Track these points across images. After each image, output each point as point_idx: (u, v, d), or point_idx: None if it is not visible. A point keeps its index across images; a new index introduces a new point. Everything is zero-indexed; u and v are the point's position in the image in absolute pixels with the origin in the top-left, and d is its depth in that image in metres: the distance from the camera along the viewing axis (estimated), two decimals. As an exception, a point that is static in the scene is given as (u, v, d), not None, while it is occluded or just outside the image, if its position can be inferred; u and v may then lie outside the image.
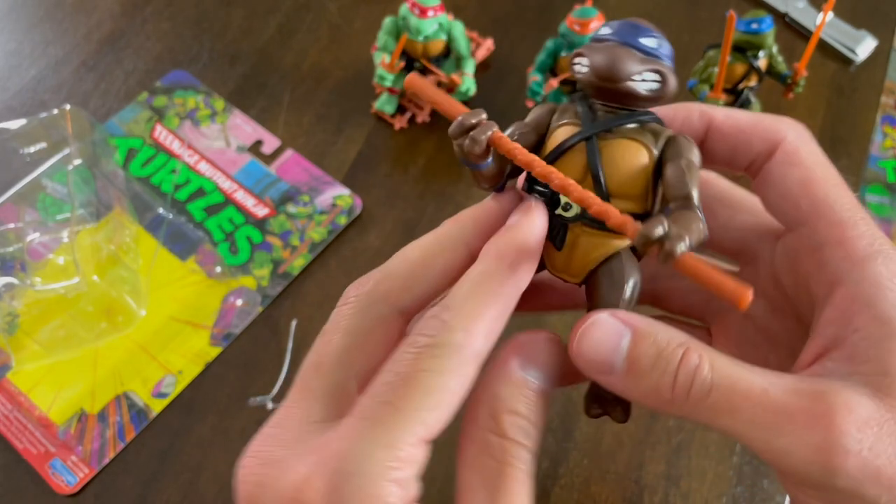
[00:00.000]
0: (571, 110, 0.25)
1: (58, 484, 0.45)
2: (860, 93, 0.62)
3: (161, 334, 0.50)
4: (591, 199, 0.22)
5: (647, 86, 0.24)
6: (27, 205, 0.54)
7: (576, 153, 0.24)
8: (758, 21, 0.52)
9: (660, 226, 0.21)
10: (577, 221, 0.25)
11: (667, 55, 0.25)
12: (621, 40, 0.25)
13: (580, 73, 0.25)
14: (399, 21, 0.56)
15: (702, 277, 0.21)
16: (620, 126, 0.24)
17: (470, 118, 0.23)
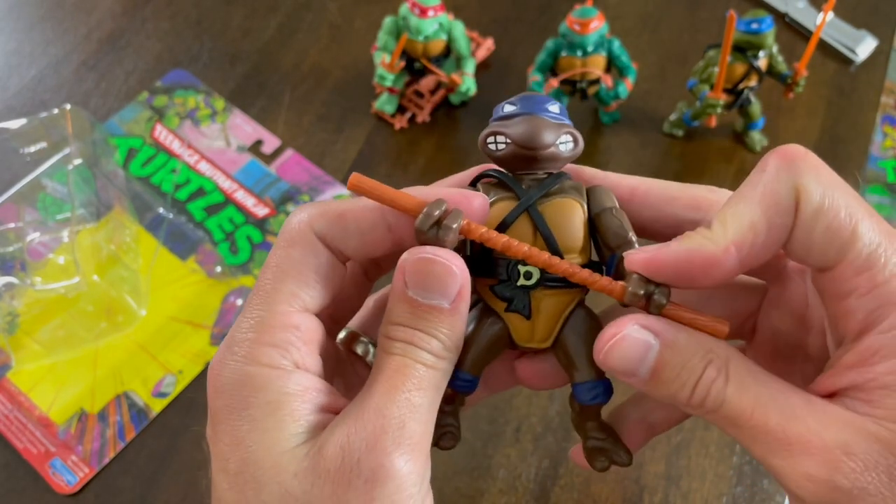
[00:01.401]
0: (495, 188, 0.27)
1: (58, 483, 0.45)
2: (860, 93, 0.62)
3: (161, 334, 0.50)
4: (576, 270, 0.24)
5: (565, 147, 0.26)
6: (27, 204, 0.54)
7: (520, 223, 0.26)
8: (758, 21, 0.52)
9: (643, 284, 0.23)
10: (537, 287, 0.26)
11: (566, 116, 0.27)
12: (531, 111, 0.26)
13: (499, 150, 0.26)
14: (399, 21, 0.56)
15: (685, 320, 0.24)
16: (551, 189, 0.26)
17: (436, 209, 0.24)
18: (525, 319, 0.26)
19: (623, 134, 0.59)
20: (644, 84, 0.61)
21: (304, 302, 0.25)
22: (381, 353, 0.25)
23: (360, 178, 0.25)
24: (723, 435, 0.47)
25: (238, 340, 0.25)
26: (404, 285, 0.25)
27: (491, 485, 0.46)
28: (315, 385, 0.25)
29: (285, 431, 0.24)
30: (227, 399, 0.24)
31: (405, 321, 0.25)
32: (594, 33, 0.53)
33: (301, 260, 0.25)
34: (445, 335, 0.25)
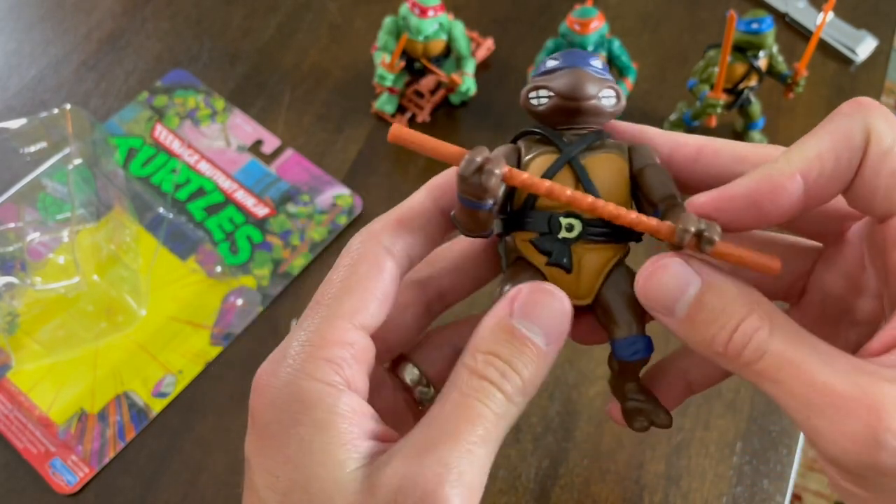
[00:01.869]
0: (536, 143, 0.26)
1: (58, 483, 0.45)
2: (860, 93, 0.62)
3: (161, 334, 0.50)
4: (622, 212, 0.24)
5: (608, 102, 0.26)
6: (27, 204, 0.54)
7: (562, 176, 0.25)
8: (758, 21, 0.52)
9: (693, 220, 0.23)
10: (578, 241, 0.26)
11: (609, 74, 0.27)
12: (575, 64, 0.26)
13: (541, 104, 0.26)
14: (399, 21, 0.56)
15: (736, 258, 0.23)
16: (593, 144, 0.26)
17: (478, 155, 0.23)
18: (566, 273, 0.26)
19: (623, 134, 0.59)
20: (644, 84, 0.61)
21: (363, 319, 0.25)
22: (455, 391, 0.24)
23: (400, 129, 0.25)
24: (723, 435, 0.47)
25: (292, 352, 0.24)
26: (509, 313, 0.24)
27: (491, 485, 0.46)
28: (362, 408, 0.24)
29: (333, 455, 0.23)
30: (276, 413, 0.24)
31: (495, 350, 0.24)
32: (594, 33, 0.53)
33: (366, 275, 0.25)
34: (529, 375, 0.24)
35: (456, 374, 0.24)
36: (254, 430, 0.24)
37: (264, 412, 0.24)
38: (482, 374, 0.24)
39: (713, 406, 0.48)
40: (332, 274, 0.26)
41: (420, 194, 0.27)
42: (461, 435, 0.23)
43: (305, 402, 0.23)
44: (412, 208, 0.27)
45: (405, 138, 0.25)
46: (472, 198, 0.24)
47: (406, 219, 0.27)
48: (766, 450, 0.47)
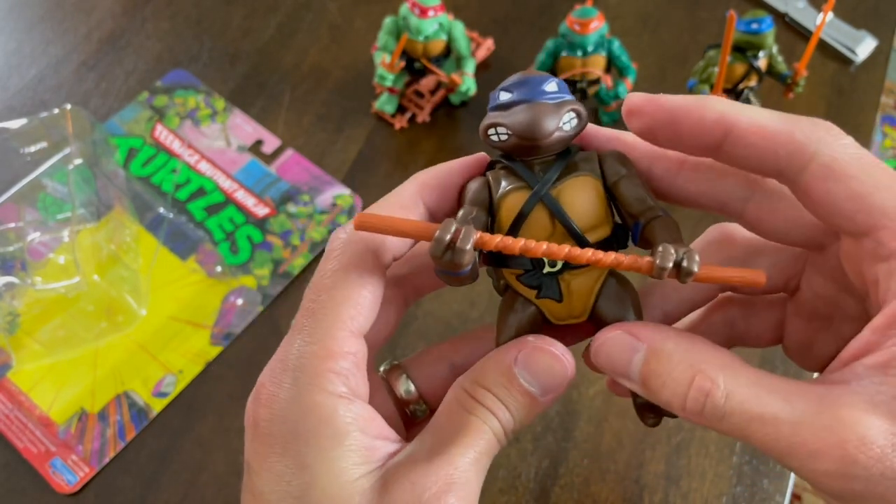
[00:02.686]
0: (506, 176, 0.26)
1: (58, 483, 0.45)
2: (860, 93, 0.62)
3: (161, 334, 0.50)
4: (600, 256, 0.24)
5: (569, 126, 0.26)
6: (27, 204, 0.54)
7: (537, 212, 0.25)
8: (758, 21, 0.52)
9: (670, 255, 0.23)
10: (564, 272, 0.26)
11: (566, 90, 0.27)
12: (529, 98, 0.26)
13: (501, 140, 0.26)
14: (399, 21, 0.56)
15: (718, 279, 0.24)
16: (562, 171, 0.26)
17: (446, 233, 0.23)
18: (557, 302, 0.26)
19: (623, 134, 0.59)
20: (644, 84, 0.61)
21: (360, 325, 0.25)
22: (459, 408, 0.25)
23: (364, 217, 0.24)
24: (723, 435, 0.47)
25: (298, 364, 0.25)
26: (513, 361, 0.25)
27: (491, 485, 0.46)
28: (370, 414, 0.25)
29: (349, 462, 0.24)
30: (288, 425, 0.24)
31: (496, 391, 0.25)
32: (594, 33, 0.53)
33: (357, 282, 0.25)
34: (521, 419, 0.26)
35: (456, 393, 0.26)
36: (258, 438, 0.25)
37: (272, 422, 0.24)
38: (481, 401, 0.25)
39: (713, 406, 0.48)
40: (321, 277, 0.26)
41: (406, 191, 0.27)
42: (469, 443, 0.24)
43: (321, 415, 0.24)
44: (400, 206, 0.26)
45: (371, 225, 0.24)
46: (448, 270, 0.24)
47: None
48: (766, 450, 0.47)
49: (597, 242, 0.25)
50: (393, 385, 0.31)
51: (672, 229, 0.25)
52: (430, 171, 0.27)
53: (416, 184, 0.27)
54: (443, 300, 0.51)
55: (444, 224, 0.24)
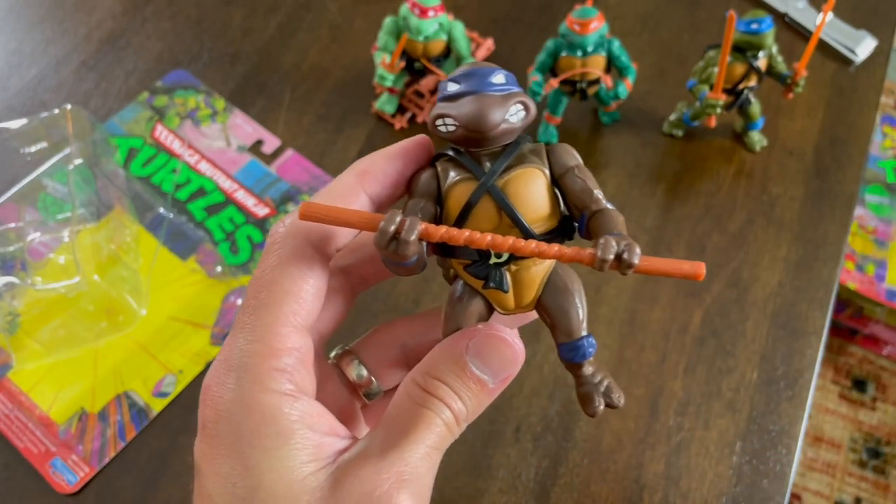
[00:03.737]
0: (454, 167, 0.26)
1: (58, 483, 0.45)
2: (860, 93, 0.62)
3: (161, 334, 0.50)
4: (543, 248, 0.24)
5: (516, 118, 0.26)
6: (28, 204, 0.54)
7: (484, 203, 0.25)
8: (758, 21, 0.52)
9: (611, 248, 0.23)
10: (510, 262, 0.26)
11: (514, 82, 0.27)
12: (475, 89, 0.25)
13: (449, 132, 0.26)
14: (399, 21, 0.56)
15: (658, 271, 0.24)
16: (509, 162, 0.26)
17: (391, 224, 0.23)
18: (504, 293, 0.26)
19: (623, 134, 0.59)
20: (644, 84, 0.61)
21: (303, 320, 0.25)
22: (410, 402, 0.25)
23: (309, 206, 0.24)
24: (723, 435, 0.47)
25: (241, 363, 0.24)
26: (465, 350, 0.25)
27: (491, 484, 0.46)
28: (316, 410, 0.25)
29: (296, 460, 0.24)
30: (233, 425, 0.24)
31: (448, 381, 0.25)
32: (594, 33, 0.53)
33: (298, 275, 0.25)
34: (474, 407, 0.26)
35: (408, 385, 0.26)
36: (205, 440, 0.25)
37: (218, 423, 0.25)
38: (434, 393, 0.25)
39: (713, 406, 0.48)
40: (262, 272, 0.25)
41: (346, 180, 0.27)
42: (420, 437, 0.24)
43: (265, 414, 0.24)
44: (340, 195, 0.26)
45: (316, 215, 0.24)
46: (394, 260, 0.25)
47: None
48: (766, 450, 0.47)
49: (543, 234, 0.26)
50: (345, 370, 0.31)
51: (616, 221, 0.25)
52: (368, 158, 0.27)
53: (355, 172, 0.27)
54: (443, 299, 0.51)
55: (388, 215, 0.24)
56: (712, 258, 0.53)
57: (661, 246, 0.54)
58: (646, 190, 0.57)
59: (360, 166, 0.27)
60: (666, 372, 0.49)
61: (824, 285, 0.53)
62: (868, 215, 1.10)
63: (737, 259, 0.54)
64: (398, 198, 0.28)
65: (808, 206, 0.56)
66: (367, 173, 0.27)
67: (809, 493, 1.13)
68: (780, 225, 0.55)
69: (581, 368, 0.28)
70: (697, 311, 0.51)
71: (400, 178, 0.27)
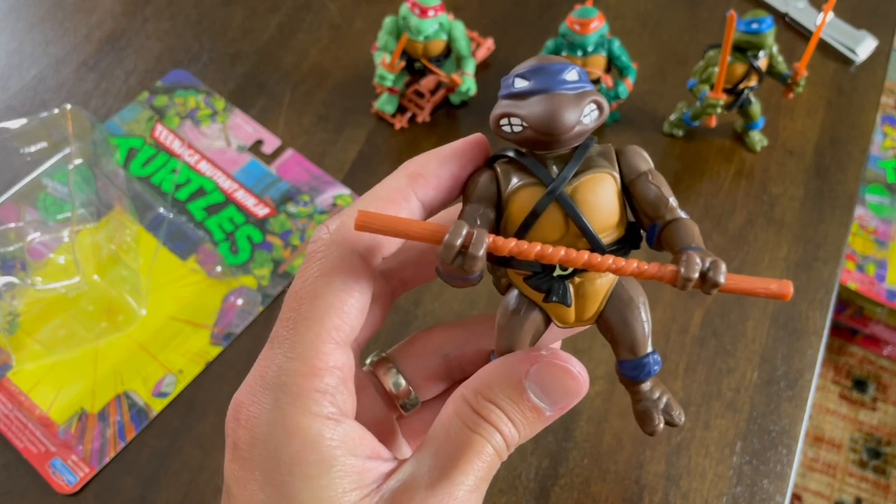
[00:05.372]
0: (516, 170, 0.24)
1: (58, 483, 0.45)
2: (860, 93, 0.62)
3: (161, 334, 0.50)
4: (621, 264, 0.22)
5: (590, 119, 0.24)
6: (28, 204, 0.54)
7: (551, 212, 0.24)
8: (758, 21, 0.52)
9: (696, 265, 0.21)
10: (575, 274, 0.24)
11: (587, 79, 0.25)
12: (547, 87, 0.23)
13: (515, 132, 0.24)
14: (399, 21, 0.56)
15: (744, 290, 0.22)
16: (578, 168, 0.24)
17: (457, 237, 0.22)
18: (566, 307, 0.25)
19: (623, 134, 0.59)
20: (644, 84, 0.61)
21: (346, 335, 0.24)
22: (459, 423, 0.24)
23: (367, 215, 0.22)
24: (723, 435, 0.47)
25: (280, 382, 0.23)
26: (524, 375, 0.24)
27: (491, 484, 0.46)
28: (358, 433, 0.24)
29: (338, 489, 0.22)
30: (271, 450, 0.22)
31: (503, 406, 0.24)
32: (594, 33, 0.53)
33: (343, 288, 0.23)
34: (526, 434, 0.24)
35: (457, 404, 0.24)
36: (237, 461, 0.23)
37: (253, 446, 0.23)
38: (485, 417, 0.24)
39: (713, 406, 0.48)
40: (303, 283, 0.24)
41: (396, 183, 0.25)
42: (469, 468, 0.23)
43: (306, 439, 0.22)
44: (390, 200, 0.24)
45: (374, 226, 0.22)
46: (458, 276, 0.23)
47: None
48: (766, 450, 0.47)
49: (611, 244, 0.24)
50: (381, 379, 0.29)
51: (693, 234, 0.23)
52: (420, 159, 0.25)
53: (406, 175, 0.25)
54: (443, 300, 0.51)
55: (454, 227, 0.22)
56: (712, 258, 0.53)
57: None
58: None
59: (411, 168, 0.25)
60: (666, 372, 0.49)
61: (824, 285, 0.53)
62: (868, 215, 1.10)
63: (737, 259, 0.54)
64: (451, 202, 0.26)
65: (809, 206, 0.56)
66: (419, 176, 0.25)
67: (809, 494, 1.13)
68: (780, 225, 0.55)
69: (640, 385, 0.26)
70: (698, 312, 0.51)
71: (455, 181, 0.25)
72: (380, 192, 0.24)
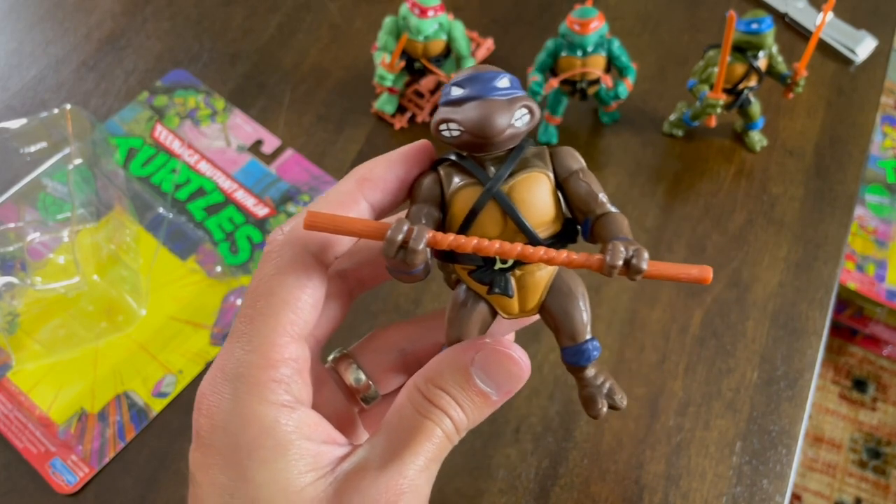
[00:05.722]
0: (457, 171, 0.26)
1: (58, 483, 0.45)
2: (860, 93, 0.62)
3: (161, 334, 0.50)
4: (552, 254, 0.24)
5: (521, 123, 0.25)
6: (27, 204, 0.54)
7: (489, 209, 0.25)
8: (758, 21, 0.52)
9: (620, 253, 0.23)
10: (515, 267, 0.26)
11: (518, 85, 0.26)
12: (480, 94, 0.25)
13: (453, 136, 0.26)
14: (399, 21, 0.56)
15: (666, 275, 0.24)
16: (514, 168, 0.26)
17: (398, 233, 0.23)
18: (508, 298, 0.26)
19: (623, 134, 0.59)
20: (644, 84, 0.61)
21: (300, 329, 0.25)
22: (410, 409, 0.25)
23: (314, 215, 0.24)
24: (723, 435, 0.47)
25: (238, 373, 0.24)
26: (470, 361, 0.25)
27: (491, 485, 0.46)
28: (314, 420, 0.25)
29: (294, 471, 0.24)
30: (230, 437, 0.24)
31: (451, 392, 0.25)
32: (594, 33, 0.53)
33: (296, 285, 0.25)
34: (474, 417, 0.26)
35: (409, 392, 0.25)
36: (200, 449, 0.25)
37: (213, 433, 0.25)
38: (435, 402, 0.25)
39: (713, 406, 0.48)
40: (259, 281, 0.25)
41: (346, 187, 0.26)
42: (419, 449, 0.24)
43: (262, 425, 0.24)
44: (340, 203, 0.26)
45: (320, 224, 0.24)
46: (401, 269, 0.24)
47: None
48: (766, 450, 0.47)
49: (548, 238, 0.26)
50: (342, 374, 0.31)
51: (622, 225, 0.25)
52: (368, 164, 0.27)
53: (355, 179, 0.26)
54: (441, 301, 0.51)
55: (395, 224, 0.23)
56: (712, 258, 0.53)
57: (661, 246, 0.54)
58: (646, 190, 0.57)
59: (359, 172, 0.26)
60: (666, 372, 0.49)
61: (824, 285, 0.53)
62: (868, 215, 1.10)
63: (737, 259, 0.54)
64: (399, 204, 0.27)
65: (809, 206, 0.56)
66: (366, 180, 0.26)
67: (809, 494, 1.13)
68: (780, 225, 0.55)
69: (584, 371, 0.28)
70: (697, 312, 0.51)
71: (401, 184, 0.27)
72: (330, 196, 0.26)
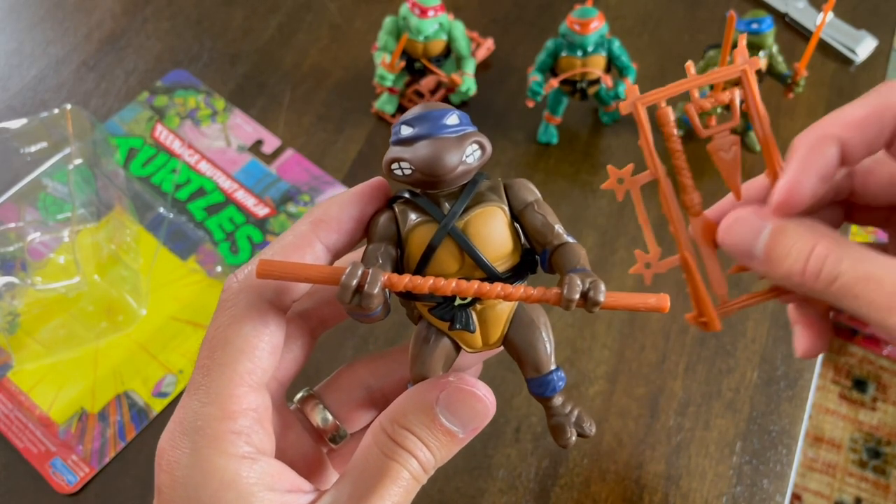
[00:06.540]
0: (413, 209, 0.26)
1: (58, 483, 0.45)
2: (860, 93, 0.62)
3: (161, 334, 0.50)
4: (509, 290, 0.24)
5: (472, 159, 0.25)
6: (28, 204, 0.54)
7: (446, 245, 0.25)
8: (758, 21, 0.52)
9: (577, 287, 0.23)
10: (475, 302, 0.26)
11: (468, 121, 0.26)
12: (430, 133, 0.25)
13: (405, 175, 0.26)
14: (399, 21, 0.56)
15: (623, 306, 0.24)
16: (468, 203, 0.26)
17: (353, 278, 0.23)
18: (470, 333, 0.26)
19: (623, 134, 0.59)
20: (644, 84, 0.61)
21: (259, 377, 0.25)
22: (376, 451, 0.25)
23: (266, 264, 0.24)
24: (723, 435, 0.47)
25: (196, 427, 0.24)
26: (435, 401, 0.25)
27: (491, 484, 0.46)
28: (276, 469, 0.25)
29: None
30: (190, 491, 0.23)
31: (417, 432, 0.25)
32: (594, 33, 0.53)
33: (253, 333, 0.25)
34: (442, 456, 0.25)
35: (375, 433, 0.25)
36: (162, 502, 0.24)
37: (175, 489, 0.24)
38: (401, 443, 0.25)
39: (713, 406, 0.48)
40: (215, 331, 0.25)
41: (301, 230, 0.26)
42: (385, 493, 0.24)
43: (223, 479, 0.23)
44: (295, 246, 0.26)
45: (272, 272, 0.24)
46: (358, 313, 0.24)
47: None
48: (766, 450, 0.47)
49: (507, 271, 0.25)
50: (309, 416, 0.30)
51: (578, 255, 0.25)
52: (323, 205, 0.27)
53: (309, 221, 0.26)
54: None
55: (350, 269, 0.23)
56: (712, 258, 0.53)
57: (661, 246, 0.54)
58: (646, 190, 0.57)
59: (314, 214, 0.26)
60: (666, 372, 0.49)
61: (824, 285, 0.53)
62: (868, 215, 1.10)
63: (737, 259, 0.54)
64: (356, 243, 0.27)
65: (809, 206, 0.56)
66: (321, 222, 0.26)
67: (809, 494, 1.13)
68: (780, 225, 0.55)
69: (551, 401, 0.28)
70: (697, 311, 0.51)
71: (357, 224, 0.27)
72: (285, 239, 0.26)
